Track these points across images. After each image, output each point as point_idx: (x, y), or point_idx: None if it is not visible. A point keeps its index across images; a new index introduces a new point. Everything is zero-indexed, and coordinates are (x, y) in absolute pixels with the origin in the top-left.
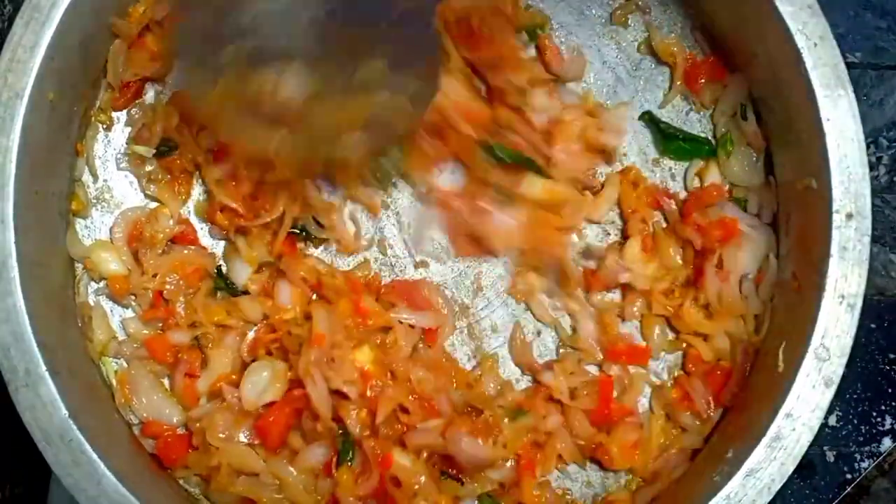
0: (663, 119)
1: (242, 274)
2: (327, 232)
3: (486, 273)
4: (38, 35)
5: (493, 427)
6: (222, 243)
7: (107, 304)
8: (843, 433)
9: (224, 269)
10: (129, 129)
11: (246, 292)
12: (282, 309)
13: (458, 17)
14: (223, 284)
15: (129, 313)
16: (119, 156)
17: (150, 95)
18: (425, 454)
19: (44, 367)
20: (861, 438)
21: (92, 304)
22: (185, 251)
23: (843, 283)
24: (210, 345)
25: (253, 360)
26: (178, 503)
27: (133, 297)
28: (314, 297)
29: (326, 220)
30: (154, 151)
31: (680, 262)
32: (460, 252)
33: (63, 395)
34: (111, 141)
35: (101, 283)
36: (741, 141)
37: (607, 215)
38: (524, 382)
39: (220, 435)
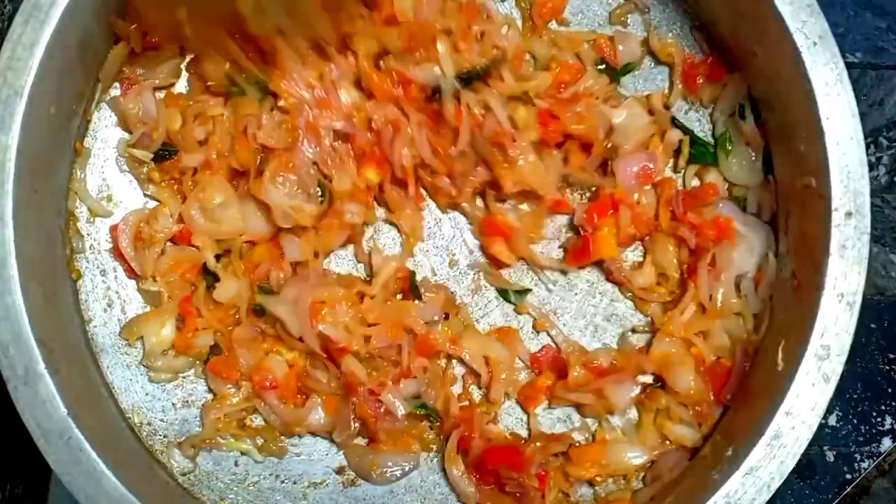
0: None
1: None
2: None
3: None
4: (38, 33)
5: None
6: None
7: (106, 302)
8: (843, 433)
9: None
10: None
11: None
12: None
13: None
14: (211, 281)
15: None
16: (118, 156)
17: (150, 100)
18: None
19: (43, 366)
20: (861, 438)
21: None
22: (184, 250)
23: (843, 281)
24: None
25: None
26: (177, 501)
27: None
28: None
29: None
30: (152, 155)
31: (675, 262)
32: None
33: (62, 393)
34: (111, 140)
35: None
36: (740, 140)
37: None
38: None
39: None
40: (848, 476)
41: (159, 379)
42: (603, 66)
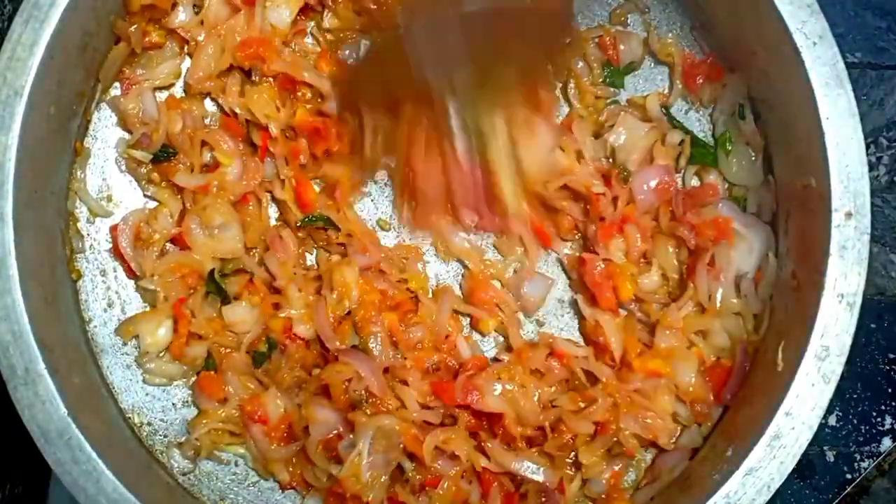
0: None
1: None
2: None
3: None
4: (38, 33)
5: None
6: None
7: (106, 302)
8: (843, 433)
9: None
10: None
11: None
12: None
13: None
14: (213, 289)
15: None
16: (118, 156)
17: (150, 100)
18: None
19: (43, 366)
20: (861, 438)
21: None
22: (187, 255)
23: (843, 281)
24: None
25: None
26: (177, 501)
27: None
28: None
29: None
30: (151, 157)
31: (675, 262)
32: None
33: (62, 394)
34: (111, 140)
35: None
36: (740, 140)
37: None
38: None
39: None
40: (848, 476)
41: (153, 382)
42: (609, 72)
